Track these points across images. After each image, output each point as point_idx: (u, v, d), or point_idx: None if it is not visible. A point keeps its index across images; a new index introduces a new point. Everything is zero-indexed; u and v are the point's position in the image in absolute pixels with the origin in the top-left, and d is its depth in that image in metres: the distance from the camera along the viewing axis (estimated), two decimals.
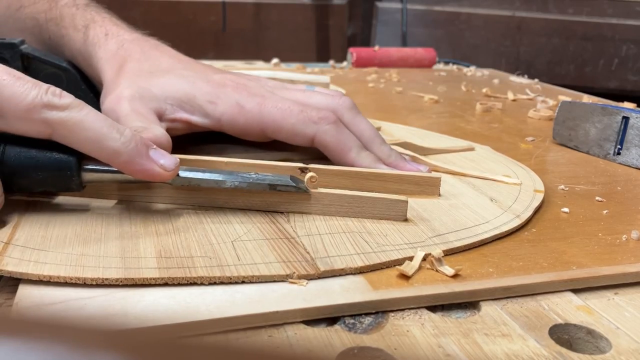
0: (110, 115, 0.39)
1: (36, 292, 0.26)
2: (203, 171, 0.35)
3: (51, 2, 0.51)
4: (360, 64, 1.09)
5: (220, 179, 0.34)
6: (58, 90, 0.31)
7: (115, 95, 0.40)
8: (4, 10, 0.54)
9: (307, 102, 0.42)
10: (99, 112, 0.32)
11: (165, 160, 0.33)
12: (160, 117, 0.40)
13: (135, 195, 0.36)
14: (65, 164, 0.32)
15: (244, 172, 0.36)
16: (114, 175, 0.33)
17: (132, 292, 0.27)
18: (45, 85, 0.31)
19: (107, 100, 0.41)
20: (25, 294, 0.26)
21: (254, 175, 0.35)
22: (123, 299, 0.26)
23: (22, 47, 0.48)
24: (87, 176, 0.33)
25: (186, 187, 0.36)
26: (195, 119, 0.41)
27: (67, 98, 0.31)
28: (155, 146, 0.33)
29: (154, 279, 0.27)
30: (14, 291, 0.27)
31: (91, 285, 0.27)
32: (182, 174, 0.34)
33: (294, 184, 0.35)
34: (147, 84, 0.42)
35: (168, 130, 0.40)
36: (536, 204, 0.40)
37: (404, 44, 1.63)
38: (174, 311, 0.25)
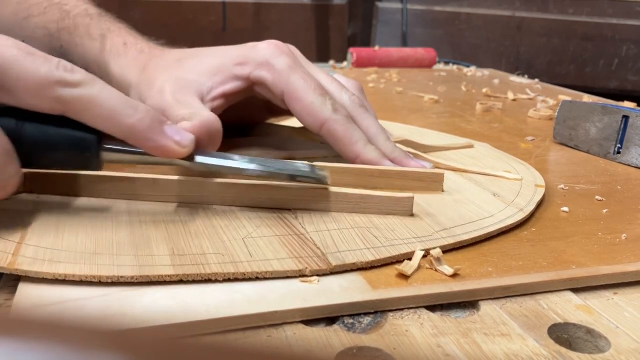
0: (157, 109, 0.39)
1: (35, 293, 0.26)
2: (223, 157, 0.34)
3: (62, 12, 0.51)
4: (360, 64, 1.09)
5: (240, 166, 0.34)
6: (69, 65, 0.30)
7: (155, 91, 0.41)
8: (10, 17, 0.54)
9: (327, 88, 0.43)
10: (112, 88, 0.31)
11: (180, 137, 0.32)
12: (202, 100, 0.41)
13: (141, 195, 0.36)
14: (85, 143, 0.31)
15: (266, 159, 0.35)
16: (133, 155, 0.33)
17: (132, 292, 0.27)
18: (55, 60, 0.30)
19: (149, 99, 0.41)
20: (25, 294, 0.26)
21: (275, 164, 0.35)
22: (122, 299, 0.26)
23: None
24: (106, 156, 0.33)
25: (195, 183, 0.36)
26: (228, 87, 0.42)
27: (79, 74, 0.30)
28: (169, 122, 0.33)
29: (168, 275, 0.27)
30: (14, 291, 0.27)
31: (90, 282, 0.27)
32: (202, 159, 0.34)
33: (314, 176, 0.35)
34: (180, 72, 0.42)
35: (211, 110, 0.40)
36: (538, 197, 0.40)
37: (404, 44, 1.63)
38: (173, 311, 0.25)
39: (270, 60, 0.41)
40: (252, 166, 0.34)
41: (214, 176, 0.36)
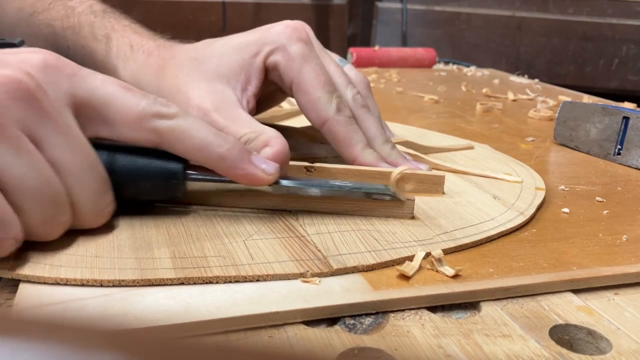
0: None
1: (36, 293, 0.26)
2: (298, 179, 0.36)
3: (67, 9, 0.50)
4: (360, 64, 1.09)
5: (318, 187, 0.35)
6: (164, 100, 0.32)
7: (194, 109, 0.40)
8: (14, 13, 0.54)
9: (335, 82, 0.42)
10: (202, 120, 0.33)
11: (266, 165, 0.33)
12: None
13: None
14: (172, 173, 0.33)
15: (337, 180, 0.37)
16: (217, 183, 0.34)
17: (133, 292, 0.27)
18: (152, 96, 0.32)
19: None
20: (26, 294, 0.26)
21: (349, 184, 0.36)
22: (123, 299, 0.26)
23: (22, 47, 0.47)
24: (191, 185, 0.34)
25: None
26: (255, 84, 0.42)
27: (174, 107, 0.32)
28: (255, 152, 0.34)
29: (170, 279, 0.27)
30: (14, 291, 0.27)
31: (91, 286, 0.27)
32: (285, 182, 0.35)
33: (390, 192, 0.36)
34: (205, 79, 0.41)
35: (249, 112, 0.40)
36: (538, 201, 0.40)
37: (404, 44, 1.63)
38: (174, 311, 0.25)
39: (286, 44, 0.41)
40: (328, 186, 0.35)
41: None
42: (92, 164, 0.30)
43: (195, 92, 0.41)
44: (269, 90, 0.46)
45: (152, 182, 0.33)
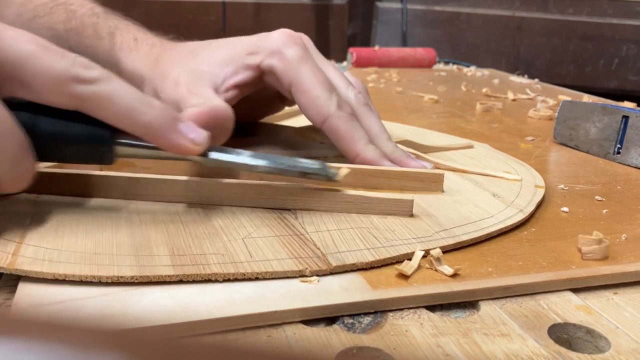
0: (171, 101, 0.40)
1: (35, 292, 0.26)
2: (236, 154, 0.34)
3: (69, 12, 0.50)
4: (360, 64, 1.09)
5: (252, 163, 0.34)
6: (85, 61, 0.30)
7: (170, 83, 0.41)
8: (13, 17, 0.54)
9: (334, 83, 0.43)
10: (128, 85, 0.31)
11: (195, 134, 0.32)
12: (217, 92, 0.41)
13: (144, 195, 0.36)
14: (99, 138, 0.31)
15: (276, 155, 0.35)
16: (147, 150, 0.33)
17: (132, 292, 0.27)
18: (72, 56, 0.30)
19: (164, 91, 0.41)
20: (25, 294, 0.26)
21: (285, 161, 0.35)
22: (122, 299, 0.26)
23: None
24: (120, 150, 0.32)
25: (196, 183, 0.36)
26: (240, 77, 0.42)
27: (95, 70, 0.30)
28: (185, 120, 0.33)
29: (168, 276, 0.27)
30: (14, 291, 0.27)
31: (90, 282, 0.27)
32: (214, 155, 0.34)
33: (325, 173, 0.35)
34: (193, 63, 0.42)
35: (226, 101, 0.40)
36: (538, 198, 0.40)
37: (404, 44, 1.63)
38: (173, 311, 0.25)
39: (282, 49, 0.41)
40: (264, 163, 0.34)
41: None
42: (8, 129, 0.28)
43: (177, 69, 0.42)
44: (265, 94, 0.46)
45: (77, 146, 0.31)
